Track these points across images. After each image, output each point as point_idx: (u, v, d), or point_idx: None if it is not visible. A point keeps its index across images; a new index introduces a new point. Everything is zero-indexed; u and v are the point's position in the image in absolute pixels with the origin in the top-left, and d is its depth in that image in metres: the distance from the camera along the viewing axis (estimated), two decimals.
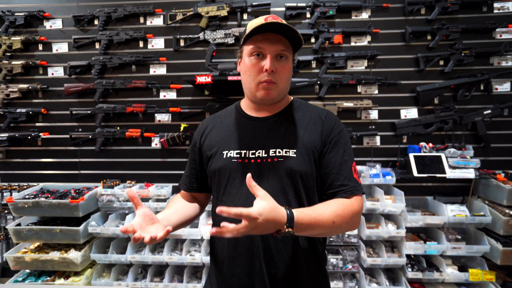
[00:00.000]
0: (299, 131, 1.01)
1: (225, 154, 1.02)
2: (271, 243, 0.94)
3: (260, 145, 1.00)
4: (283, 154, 0.98)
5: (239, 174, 0.99)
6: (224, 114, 1.15)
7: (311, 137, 1.01)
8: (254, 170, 0.98)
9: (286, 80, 1.01)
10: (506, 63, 2.44)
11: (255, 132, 1.03)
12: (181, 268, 2.48)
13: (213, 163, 1.05)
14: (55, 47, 2.63)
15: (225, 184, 1.01)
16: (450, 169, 2.21)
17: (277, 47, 0.95)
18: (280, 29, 0.93)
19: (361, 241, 2.28)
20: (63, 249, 2.39)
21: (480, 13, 2.45)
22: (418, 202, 2.46)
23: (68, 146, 2.63)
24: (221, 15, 2.49)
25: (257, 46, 0.95)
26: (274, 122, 1.04)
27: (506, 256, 2.07)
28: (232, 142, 1.04)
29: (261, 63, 0.96)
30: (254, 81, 0.98)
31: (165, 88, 2.56)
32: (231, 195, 1.00)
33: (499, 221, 2.10)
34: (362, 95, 2.50)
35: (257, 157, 0.99)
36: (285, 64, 0.98)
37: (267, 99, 1.00)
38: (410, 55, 2.48)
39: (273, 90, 0.98)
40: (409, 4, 2.44)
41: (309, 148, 0.99)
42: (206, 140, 1.10)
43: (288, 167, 0.96)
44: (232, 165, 1.00)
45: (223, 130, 1.08)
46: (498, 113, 2.39)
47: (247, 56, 0.99)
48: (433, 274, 2.15)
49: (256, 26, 0.92)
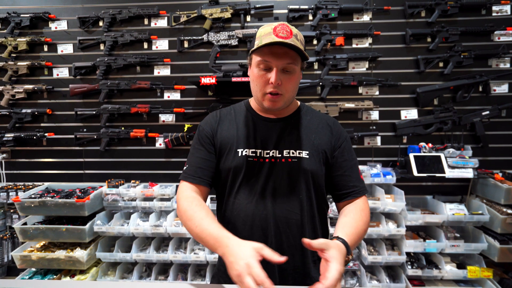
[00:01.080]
0: (309, 134, 1.07)
1: (241, 152, 1.04)
2: (283, 238, 0.99)
3: (274, 146, 1.04)
4: (297, 155, 1.03)
5: (255, 172, 1.03)
6: (233, 111, 1.15)
7: (321, 140, 1.07)
8: (269, 169, 1.02)
9: (293, 90, 1.03)
10: (504, 65, 2.49)
11: (269, 132, 1.06)
12: (185, 266, 2.53)
13: (227, 160, 1.05)
14: (60, 48, 2.66)
15: (239, 183, 1.04)
16: (449, 168, 2.26)
17: (283, 61, 0.96)
18: (286, 44, 0.94)
19: (362, 239, 2.33)
20: (69, 248, 2.42)
21: (479, 16, 2.49)
22: (418, 201, 2.51)
23: (73, 146, 2.67)
24: (224, 17, 2.52)
25: (263, 59, 0.97)
26: (286, 124, 1.08)
27: (503, 253, 2.12)
28: (247, 140, 1.06)
29: (267, 75, 0.98)
30: (260, 91, 1.01)
31: (169, 89, 2.59)
32: (245, 193, 1.03)
33: (496, 220, 2.14)
34: (363, 96, 2.54)
35: (271, 156, 1.03)
36: (291, 76, 0.99)
37: (273, 109, 1.04)
38: (410, 57, 2.52)
39: (279, 101, 1.01)
40: (409, 7, 2.48)
41: (319, 150, 1.05)
42: (218, 134, 1.09)
43: (302, 167, 1.02)
44: (249, 164, 1.03)
45: (235, 126, 1.09)
46: (496, 114, 2.43)
47: (255, 66, 1.01)
48: (432, 272, 2.20)
49: (264, 43, 0.94)
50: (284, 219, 1.01)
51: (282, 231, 1.00)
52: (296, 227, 1.01)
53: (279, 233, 1.00)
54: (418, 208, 2.45)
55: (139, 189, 2.47)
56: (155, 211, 2.46)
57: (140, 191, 2.45)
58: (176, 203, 1.14)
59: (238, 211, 1.04)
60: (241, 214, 1.04)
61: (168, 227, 2.33)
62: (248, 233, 1.02)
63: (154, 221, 2.41)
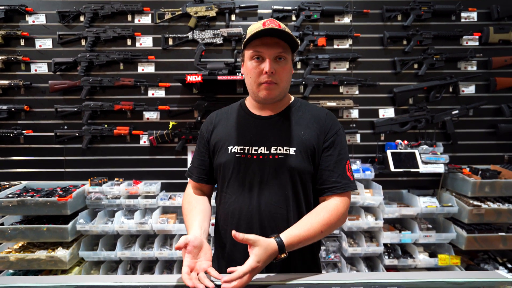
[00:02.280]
0: (299, 130, 1.09)
1: (230, 150, 1.10)
2: (268, 231, 1.03)
3: (263, 142, 1.08)
4: (284, 151, 1.06)
5: (243, 168, 1.08)
6: (230, 110, 1.21)
7: (310, 136, 1.08)
8: (256, 166, 1.07)
9: (287, 80, 1.08)
10: (472, 68, 2.68)
11: (258, 129, 1.11)
12: (170, 263, 2.54)
13: (219, 157, 1.12)
14: (38, 42, 2.58)
15: (229, 177, 1.10)
16: (423, 164, 2.41)
17: (275, 50, 1.01)
18: (276, 33, 1.00)
19: (343, 232, 2.44)
20: (49, 248, 2.37)
21: (449, 22, 2.66)
22: (394, 195, 2.66)
23: (53, 144, 2.59)
24: (209, 15, 2.54)
25: (256, 50, 1.03)
26: (276, 121, 1.11)
27: (469, 242, 2.29)
28: (237, 138, 1.11)
29: (261, 66, 1.03)
30: (255, 82, 1.06)
31: (153, 86, 2.58)
32: (234, 188, 1.09)
33: (464, 211, 2.31)
34: (344, 95, 2.65)
35: (259, 153, 1.07)
36: (284, 65, 1.04)
37: (269, 98, 1.07)
38: (387, 58, 2.65)
39: (274, 90, 1.05)
40: (387, 11, 2.61)
41: (308, 147, 1.07)
42: (213, 134, 1.17)
43: (288, 164, 1.05)
44: (236, 160, 1.08)
45: (229, 126, 1.15)
46: (464, 113, 2.62)
47: (248, 60, 1.06)
48: (407, 261, 2.35)
49: (253, 32, 1.00)
50: (269, 213, 1.05)
51: (267, 225, 1.05)
52: (282, 222, 1.05)
53: (264, 227, 1.05)
54: (395, 201, 2.60)
55: (123, 187, 2.45)
56: (140, 208, 2.46)
57: (125, 189, 2.44)
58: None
59: (228, 205, 1.10)
60: (230, 208, 1.10)
61: (153, 224, 2.33)
62: (235, 226, 1.07)
63: (139, 218, 2.41)
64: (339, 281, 0.84)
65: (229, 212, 1.10)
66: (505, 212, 2.29)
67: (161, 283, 0.85)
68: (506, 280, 0.84)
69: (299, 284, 0.84)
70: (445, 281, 0.84)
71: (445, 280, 0.84)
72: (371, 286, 0.80)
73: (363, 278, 0.84)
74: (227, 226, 1.10)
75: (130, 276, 0.95)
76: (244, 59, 1.10)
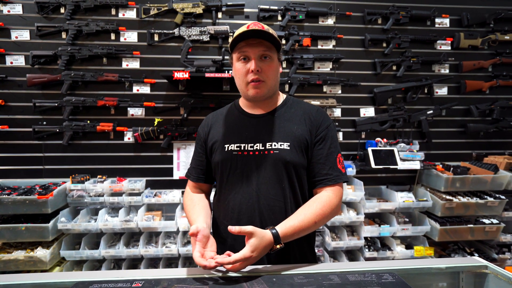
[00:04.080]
0: (291, 126, 1.14)
1: (227, 148, 1.14)
2: (268, 224, 1.07)
3: (258, 139, 1.13)
4: (278, 146, 1.11)
5: (240, 165, 1.12)
6: (225, 111, 1.26)
7: (302, 131, 1.13)
8: (253, 161, 1.11)
9: (274, 78, 1.13)
10: (445, 71, 2.85)
11: (253, 127, 1.15)
12: (155, 261, 2.53)
13: (216, 155, 1.17)
14: (14, 34, 2.46)
15: (227, 174, 1.14)
16: (401, 161, 2.55)
17: (259, 49, 1.08)
18: (258, 34, 1.06)
19: (326, 227, 2.53)
20: (28, 247, 2.29)
21: (425, 26, 2.82)
22: (374, 191, 2.78)
23: (31, 140, 2.49)
24: (196, 12, 2.53)
25: (241, 51, 1.09)
26: (269, 118, 1.16)
27: (442, 234, 2.46)
28: (233, 136, 1.15)
29: (247, 65, 1.09)
30: (243, 82, 1.11)
31: (138, 82, 2.54)
32: (233, 184, 1.13)
33: (437, 205, 2.48)
34: (327, 94, 2.74)
35: (255, 149, 1.12)
36: (269, 63, 1.10)
37: (258, 96, 1.12)
38: (368, 59, 2.77)
39: (262, 87, 1.10)
40: (368, 14, 2.72)
41: (301, 141, 1.12)
42: (209, 135, 1.22)
43: (283, 158, 1.10)
44: (233, 157, 1.12)
45: (224, 125, 1.20)
46: (438, 113, 2.79)
47: (236, 61, 1.12)
48: (386, 253, 2.48)
49: (237, 34, 1.06)
50: (268, 206, 1.09)
51: (267, 218, 1.09)
52: (280, 214, 1.09)
53: (264, 220, 1.09)
54: (374, 197, 2.72)
55: (107, 184, 2.40)
56: (124, 206, 2.42)
57: (109, 186, 2.39)
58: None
59: (228, 201, 1.14)
60: (230, 203, 1.13)
61: (139, 222, 2.31)
62: (236, 220, 1.11)
63: (124, 216, 2.37)
64: (335, 270, 0.90)
65: (229, 208, 1.14)
66: (472, 206, 2.47)
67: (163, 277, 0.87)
68: (482, 264, 0.93)
69: (298, 273, 0.89)
70: (430, 267, 0.92)
71: (430, 266, 0.92)
72: (365, 273, 0.87)
73: (357, 266, 0.91)
74: (227, 221, 1.13)
75: (134, 271, 0.96)
76: (232, 62, 1.16)
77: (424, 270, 0.90)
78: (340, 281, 0.82)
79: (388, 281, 0.82)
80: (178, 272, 0.89)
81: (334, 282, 0.82)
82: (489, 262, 0.93)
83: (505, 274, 0.85)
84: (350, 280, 0.83)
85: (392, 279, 0.83)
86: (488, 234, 2.50)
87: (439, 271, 0.92)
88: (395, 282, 0.81)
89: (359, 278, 0.84)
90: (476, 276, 0.92)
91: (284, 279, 0.85)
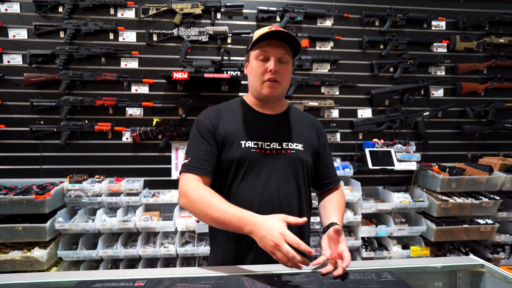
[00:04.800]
0: (301, 130, 1.23)
1: (243, 144, 1.12)
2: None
3: (274, 138, 1.16)
4: (294, 147, 1.16)
5: (259, 162, 1.12)
6: (230, 106, 1.23)
7: (310, 137, 1.24)
8: (270, 160, 1.13)
9: (287, 80, 1.17)
10: (441, 73, 2.89)
11: (267, 126, 1.18)
12: (153, 261, 2.53)
13: (231, 151, 1.12)
14: (11, 32, 2.44)
15: (244, 172, 1.11)
16: (398, 162, 2.57)
17: (280, 51, 1.11)
18: (282, 36, 1.09)
19: None
20: (24, 248, 2.27)
21: (421, 29, 2.85)
22: (371, 191, 2.81)
23: (28, 139, 2.48)
24: (195, 12, 2.54)
25: (262, 50, 1.11)
26: (281, 119, 1.22)
27: (438, 234, 2.49)
28: (248, 133, 1.15)
29: (266, 65, 1.11)
30: (259, 80, 1.14)
31: (137, 82, 2.54)
32: (249, 182, 1.11)
33: (433, 205, 2.50)
34: (325, 95, 2.75)
35: (272, 148, 1.14)
36: (286, 66, 1.14)
37: (272, 96, 1.15)
38: (366, 61, 2.80)
39: (277, 88, 1.14)
40: (366, 16, 2.75)
41: (310, 145, 1.22)
42: (219, 127, 1.15)
43: (300, 158, 1.16)
44: (252, 155, 1.12)
45: (235, 120, 1.17)
46: (434, 115, 2.82)
47: (254, 59, 1.14)
48: (383, 253, 2.50)
49: (262, 34, 1.09)
50: (287, 203, 1.13)
51: (287, 214, 1.10)
52: (296, 210, 1.14)
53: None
54: (371, 197, 2.74)
55: (104, 184, 2.40)
56: (122, 206, 2.42)
57: (106, 186, 2.38)
58: (180, 195, 1.08)
59: (244, 199, 1.10)
60: (247, 201, 1.09)
61: (137, 222, 2.31)
62: None
63: (122, 216, 2.37)
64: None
65: (246, 205, 1.04)
66: (468, 206, 2.51)
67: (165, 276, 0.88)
68: (479, 263, 0.95)
69: (299, 272, 0.90)
70: (428, 266, 0.94)
71: (428, 265, 0.94)
72: (365, 272, 0.88)
73: (357, 265, 0.92)
74: None
75: (136, 270, 0.96)
76: (249, 59, 1.18)
77: (422, 269, 0.92)
78: (340, 280, 0.84)
79: (388, 280, 0.83)
80: (180, 271, 0.90)
81: (335, 280, 0.83)
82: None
83: (501, 272, 0.87)
84: (350, 279, 0.84)
85: (392, 277, 0.84)
86: (483, 234, 2.53)
87: (436, 270, 0.93)
88: (394, 281, 0.83)
89: (359, 277, 0.85)
90: (472, 275, 0.94)
91: (285, 278, 0.86)
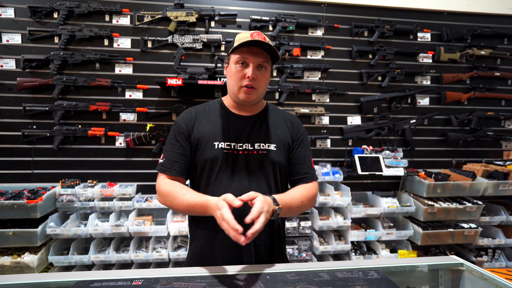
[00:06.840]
0: (275, 129, 1.25)
1: (216, 145, 1.17)
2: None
3: (246, 139, 1.20)
4: (266, 147, 1.20)
5: (230, 163, 1.17)
6: (208, 108, 1.27)
7: (285, 134, 1.25)
8: (242, 160, 1.18)
9: (264, 87, 1.22)
10: (426, 82, 3.00)
11: (241, 127, 1.21)
12: (145, 266, 2.52)
13: (204, 152, 1.17)
14: (5, 37, 2.45)
15: (217, 172, 1.16)
16: (386, 168, 2.65)
17: (259, 58, 1.14)
18: (262, 45, 1.12)
19: (314, 231, 2.60)
20: (14, 253, 2.26)
21: (408, 40, 2.97)
22: (360, 196, 2.88)
23: (20, 144, 2.47)
24: (189, 20, 2.59)
25: (242, 56, 1.14)
26: (256, 120, 1.24)
27: (424, 238, 2.56)
28: (222, 134, 1.19)
29: (245, 71, 1.15)
30: (237, 85, 1.17)
31: (131, 88, 2.57)
32: (222, 181, 1.16)
33: (420, 210, 2.58)
34: (316, 102, 2.83)
35: (244, 149, 1.18)
36: (264, 73, 1.17)
37: (247, 101, 1.19)
38: (355, 70, 2.89)
39: (253, 94, 1.18)
40: (355, 27, 2.85)
41: (284, 143, 1.24)
42: (194, 129, 1.20)
43: (271, 158, 1.19)
44: (224, 155, 1.17)
45: (211, 122, 1.22)
46: (420, 122, 2.92)
47: (233, 63, 1.17)
48: (372, 257, 2.56)
49: (243, 41, 1.11)
50: None
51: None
52: None
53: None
54: (361, 202, 2.81)
55: (97, 189, 2.40)
56: (115, 211, 2.42)
57: (99, 191, 2.39)
58: (156, 193, 1.21)
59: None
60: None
61: (129, 227, 2.32)
62: None
63: (114, 221, 2.37)
64: (325, 268, 0.96)
65: None
66: (452, 211, 2.59)
67: (162, 275, 0.91)
68: (458, 262, 1.02)
69: (290, 271, 0.94)
70: (413, 265, 0.99)
71: (413, 264, 1.00)
72: (352, 271, 0.93)
73: (345, 264, 0.97)
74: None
75: (133, 270, 0.99)
76: (229, 62, 1.21)
77: (406, 267, 0.98)
78: (329, 278, 0.88)
79: (374, 278, 0.88)
80: (176, 271, 0.93)
81: (324, 278, 0.88)
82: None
83: (478, 270, 0.93)
84: (338, 277, 0.89)
85: (377, 275, 0.90)
86: (467, 238, 2.62)
87: (420, 269, 0.99)
88: (380, 279, 0.88)
89: (347, 275, 0.90)
90: (453, 273, 1.00)
91: (277, 277, 0.90)
